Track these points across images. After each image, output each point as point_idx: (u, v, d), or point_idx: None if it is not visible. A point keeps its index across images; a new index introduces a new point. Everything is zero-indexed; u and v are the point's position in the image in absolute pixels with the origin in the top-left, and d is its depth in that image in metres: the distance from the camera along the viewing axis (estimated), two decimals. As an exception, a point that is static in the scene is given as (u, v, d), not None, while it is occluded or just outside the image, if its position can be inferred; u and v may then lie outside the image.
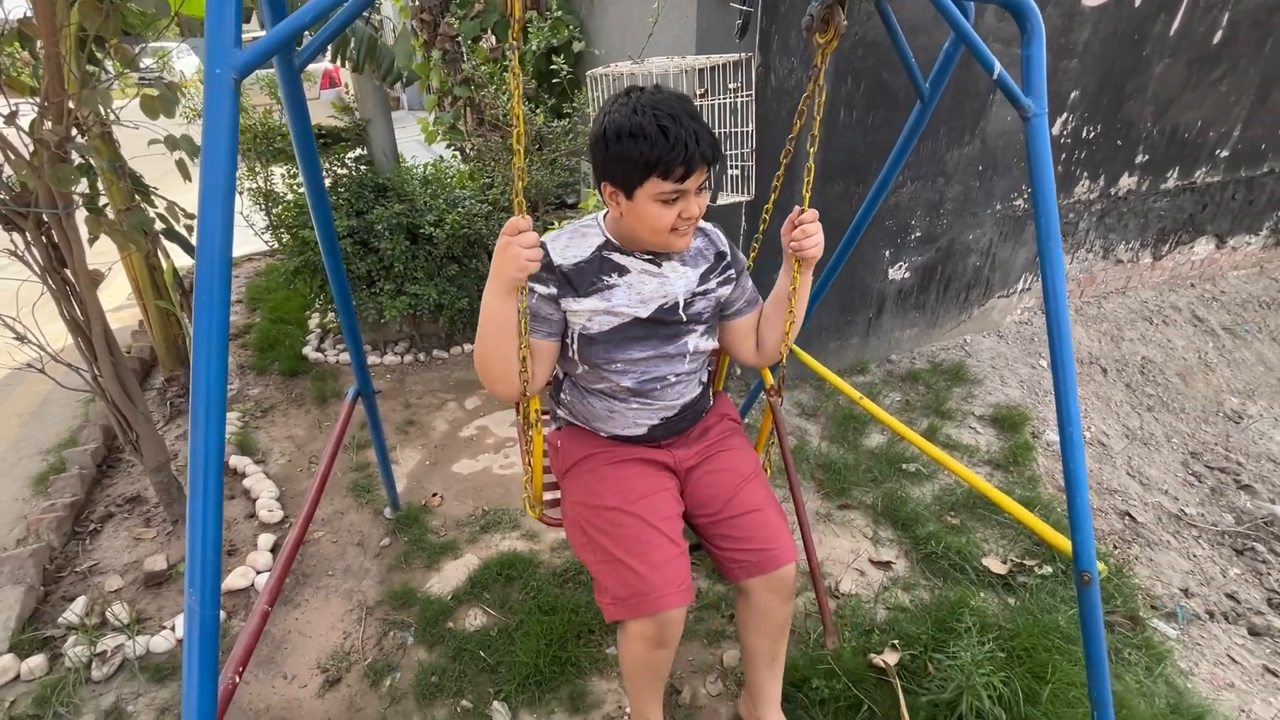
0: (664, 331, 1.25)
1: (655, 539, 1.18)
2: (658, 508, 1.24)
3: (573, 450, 1.36)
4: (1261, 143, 3.98)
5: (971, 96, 2.81)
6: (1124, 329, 3.93)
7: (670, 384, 1.29)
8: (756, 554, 1.24)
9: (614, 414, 1.31)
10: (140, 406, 2.05)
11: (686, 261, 1.27)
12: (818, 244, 1.21)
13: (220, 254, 0.73)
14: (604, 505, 1.24)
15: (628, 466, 1.30)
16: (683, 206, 1.11)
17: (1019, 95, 1.03)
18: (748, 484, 1.32)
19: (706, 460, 1.36)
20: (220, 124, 0.72)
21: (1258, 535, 2.74)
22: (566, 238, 1.24)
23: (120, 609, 1.84)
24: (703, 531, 1.33)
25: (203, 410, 0.73)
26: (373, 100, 3.09)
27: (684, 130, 1.05)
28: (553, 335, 1.23)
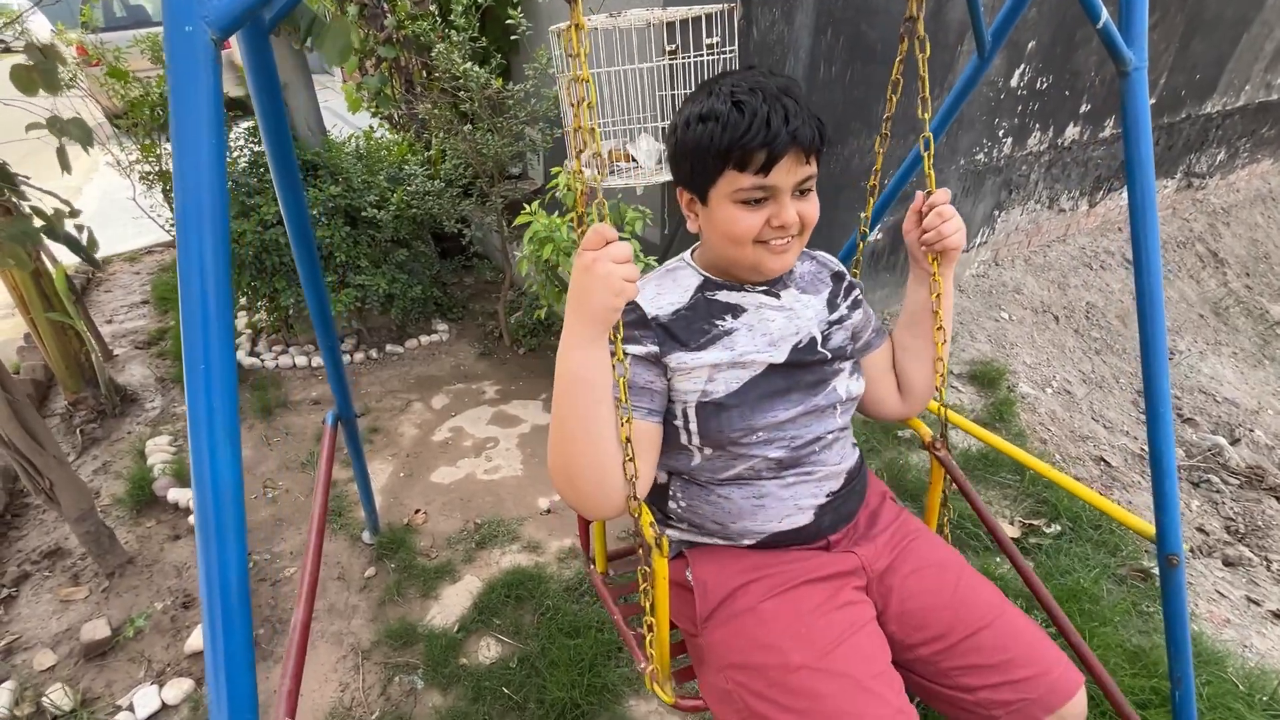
0: (808, 378, 0.93)
1: (879, 710, 0.80)
2: (868, 654, 0.86)
3: (711, 583, 0.93)
4: (1181, 89, 4.16)
5: (941, 49, 2.74)
6: (1068, 276, 4.09)
7: (827, 445, 0.96)
8: (1030, 685, 0.85)
9: (763, 501, 0.93)
10: (50, 448, 1.71)
11: (806, 289, 0.99)
12: (959, 226, 0.94)
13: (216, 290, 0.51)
14: (783, 664, 0.83)
15: (805, 593, 0.90)
16: (773, 211, 0.83)
17: (1121, 47, 0.92)
18: (966, 580, 0.95)
19: (900, 556, 0.97)
20: (197, 103, 0.49)
21: (1208, 466, 2.94)
22: (654, 283, 0.95)
23: (59, 692, 1.55)
24: (923, 668, 0.92)
25: (214, 524, 0.52)
26: (290, 64, 2.68)
27: (767, 105, 0.78)
28: (654, 414, 0.88)
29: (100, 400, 2.59)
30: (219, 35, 0.48)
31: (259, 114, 0.99)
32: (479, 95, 2.46)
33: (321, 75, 9.35)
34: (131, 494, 2.15)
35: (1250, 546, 2.42)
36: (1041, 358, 3.37)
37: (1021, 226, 3.91)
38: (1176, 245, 4.80)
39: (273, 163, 1.07)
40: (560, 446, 0.79)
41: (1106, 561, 1.89)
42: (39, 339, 2.45)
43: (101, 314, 3.50)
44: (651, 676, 0.93)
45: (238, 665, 0.51)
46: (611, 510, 0.82)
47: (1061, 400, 3.06)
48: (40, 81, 1.52)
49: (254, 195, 2.62)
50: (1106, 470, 2.64)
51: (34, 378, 2.74)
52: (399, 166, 2.92)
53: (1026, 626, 0.91)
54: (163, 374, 2.89)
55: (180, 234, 0.49)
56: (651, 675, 0.93)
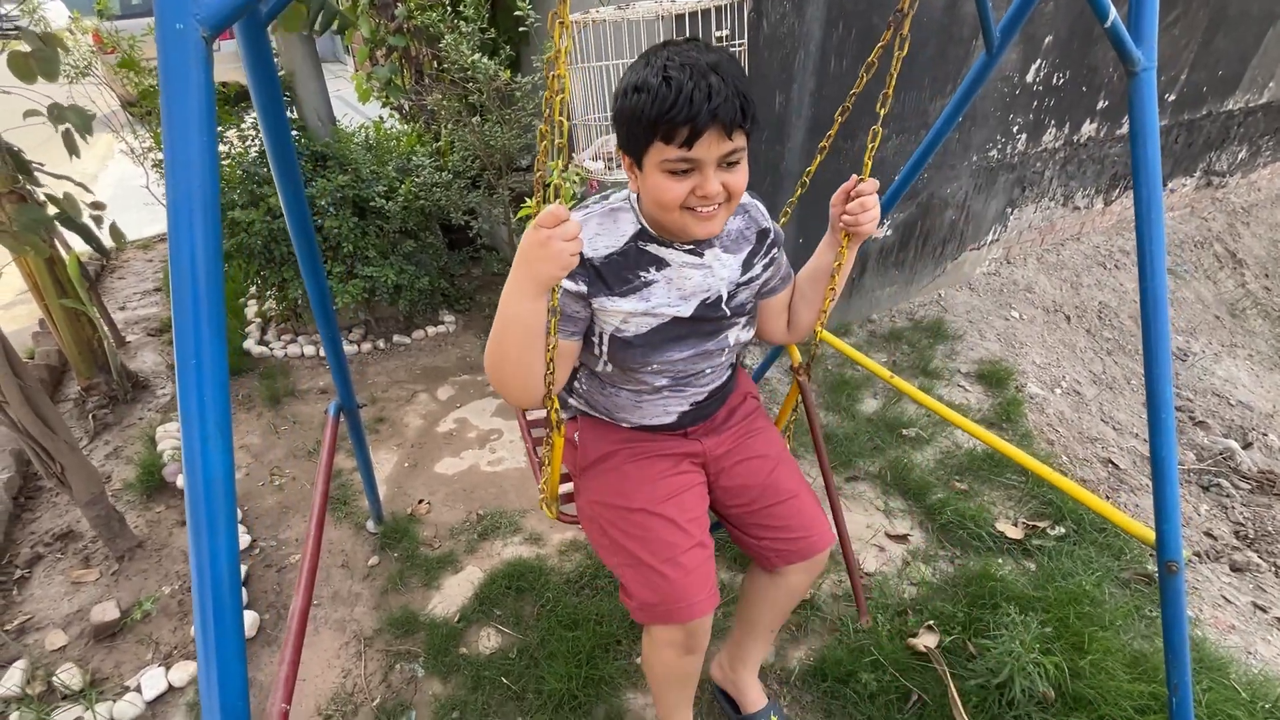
0: (706, 328, 1.12)
1: (685, 541, 1.12)
2: (687, 507, 1.17)
3: (593, 445, 1.24)
4: (1203, 86, 4.07)
5: (956, 44, 2.70)
6: (1081, 275, 4.03)
7: (705, 374, 1.19)
8: (796, 541, 1.21)
9: (641, 405, 1.20)
10: (63, 433, 1.74)
11: (729, 247, 1.12)
12: (874, 219, 1.08)
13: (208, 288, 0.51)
14: (629, 506, 1.15)
15: (654, 462, 1.21)
16: (697, 182, 0.91)
17: (1130, 47, 0.90)
18: (779, 469, 1.25)
19: (737, 447, 1.27)
20: (187, 102, 0.49)
21: (1218, 470, 2.90)
22: (596, 222, 1.07)
23: (68, 672, 1.58)
24: (735, 521, 1.26)
25: (205, 517, 0.52)
26: (300, 51, 2.69)
27: (693, 82, 0.84)
28: (576, 334, 1.09)
29: (112, 386, 2.63)
30: (210, 33, 0.49)
31: (258, 107, 1.00)
32: (488, 87, 2.46)
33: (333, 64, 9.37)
34: (142, 479, 2.18)
35: (1259, 552, 2.39)
36: (1051, 358, 3.33)
37: (1035, 224, 3.86)
38: (1194, 245, 4.72)
39: (271, 156, 1.07)
40: (496, 358, 0.97)
41: (1110, 565, 1.87)
42: (53, 325, 2.49)
43: (115, 300, 3.54)
44: (543, 501, 1.28)
45: (228, 654, 0.52)
46: (531, 404, 1.04)
47: (1070, 401, 3.03)
48: (38, 69, 1.53)
49: (264, 185, 2.63)
50: (1114, 473, 2.62)
51: (48, 363, 2.78)
52: (408, 157, 2.92)
53: (809, 506, 1.23)
54: (174, 361, 2.93)
55: (171, 230, 0.50)
56: (543, 500, 1.27)
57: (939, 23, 2.61)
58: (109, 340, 2.59)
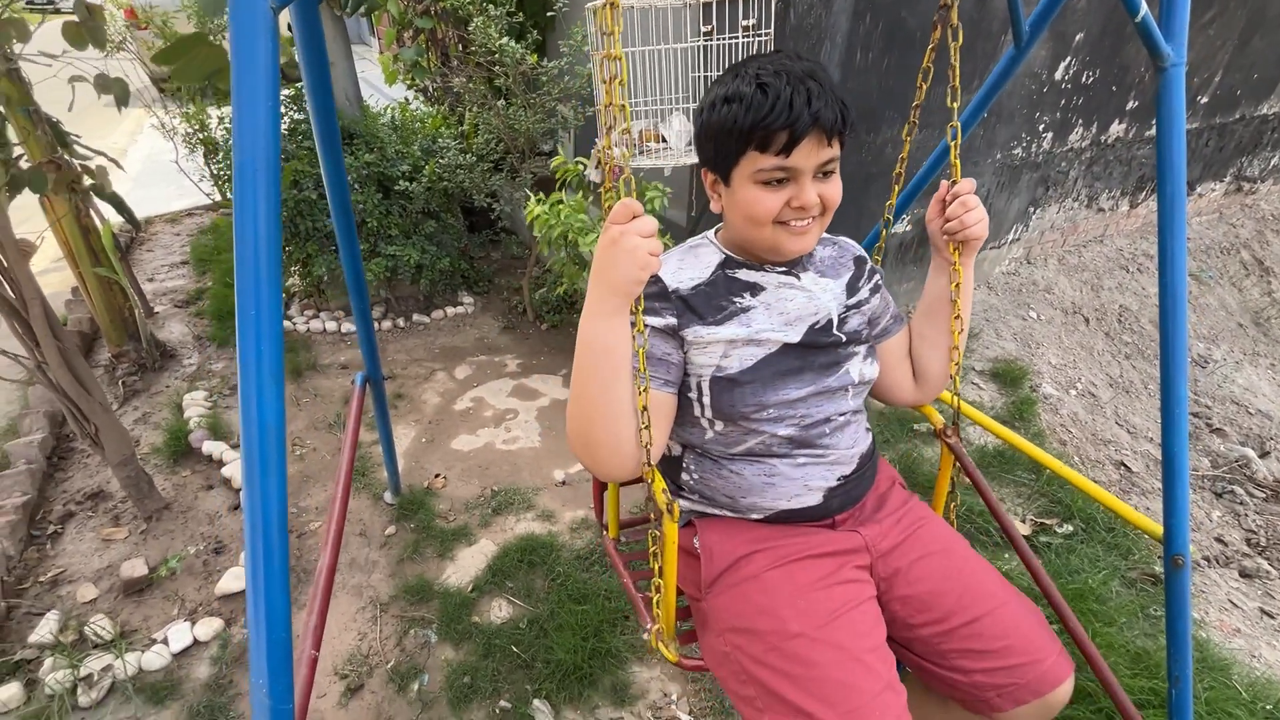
0: (821, 359, 0.95)
1: (871, 684, 0.81)
2: (863, 630, 0.88)
3: (717, 551, 0.96)
4: (1237, 89, 4.00)
5: (985, 38, 2.68)
6: (1103, 278, 3.99)
7: (839, 427, 0.97)
8: (1023, 670, 0.88)
9: (773, 479, 0.95)
10: (97, 395, 1.80)
11: (826, 273, 1.00)
12: (982, 218, 0.95)
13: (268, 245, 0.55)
14: (781, 631, 0.86)
15: (807, 566, 0.92)
16: (793, 192, 0.84)
17: (1160, 42, 0.91)
18: (971, 567, 0.96)
19: (907, 540, 0.99)
20: (256, 72, 0.53)
21: (1233, 477, 2.88)
22: (676, 258, 0.96)
23: (101, 623, 1.65)
24: (923, 649, 0.94)
25: (258, 459, 0.56)
26: (330, 33, 2.73)
27: (790, 87, 0.79)
28: (670, 385, 0.90)
29: (141, 354, 2.70)
30: (277, 5, 0.52)
31: (306, 82, 1.03)
32: (513, 71, 2.48)
33: (359, 46, 9.43)
34: (169, 444, 2.25)
35: (1270, 560, 2.38)
36: (1068, 359, 3.32)
37: (1057, 224, 3.82)
38: (1220, 251, 4.64)
39: (317, 130, 1.11)
40: (579, 410, 0.82)
41: (1117, 563, 1.88)
42: (86, 293, 2.56)
43: (143, 272, 3.62)
44: (657, 636, 0.96)
45: (275, 589, 0.56)
46: (625, 473, 0.85)
47: (1085, 403, 3.02)
48: (88, 38, 1.60)
49: (290, 160, 2.68)
50: (1126, 475, 2.62)
51: (80, 330, 2.86)
52: (432, 139, 2.96)
53: (1026, 615, 0.93)
54: (200, 332, 3.00)
55: (237, 189, 0.53)
56: (657, 635, 0.96)
57: (969, 16, 2.59)
58: (139, 309, 2.67)
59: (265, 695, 0.58)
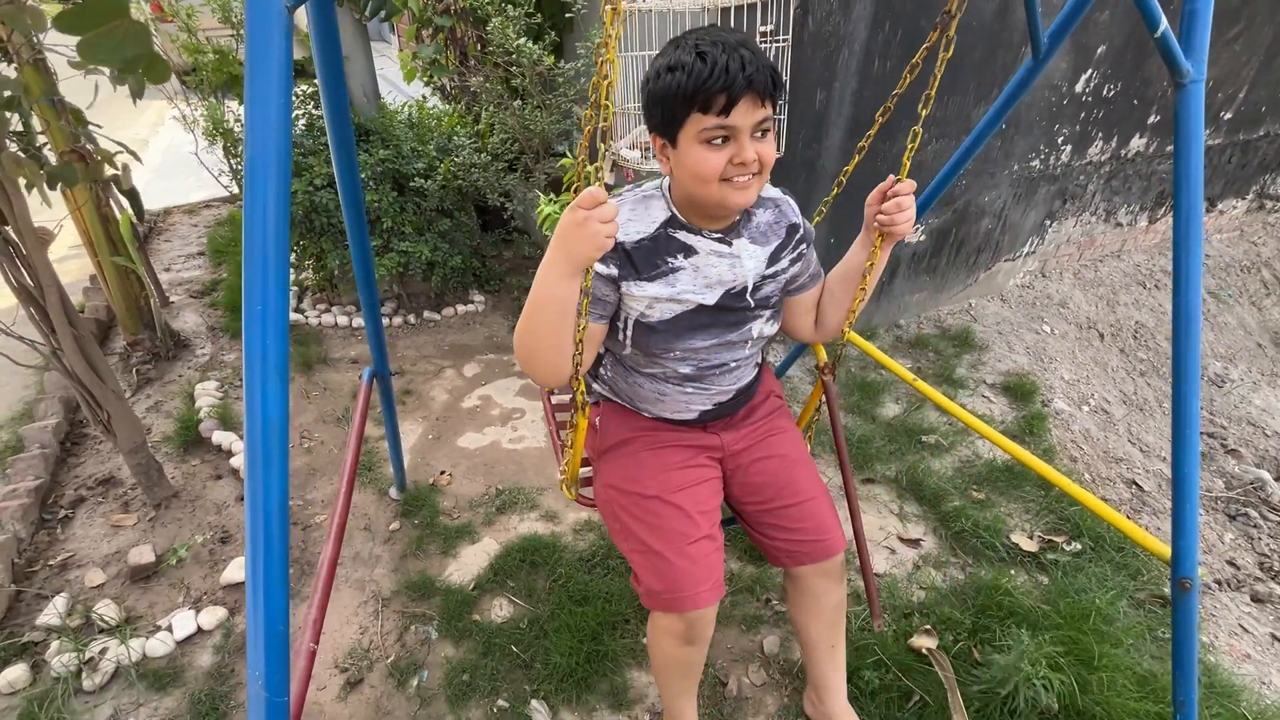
0: (729, 318, 1.14)
1: (694, 532, 1.14)
2: (700, 499, 1.19)
3: (612, 430, 1.27)
4: (1262, 105, 3.95)
5: (1005, 48, 2.66)
6: (1119, 293, 3.94)
7: (729, 369, 1.20)
8: (809, 544, 1.22)
9: (664, 397, 1.21)
10: (110, 383, 1.82)
11: (756, 239, 1.14)
12: (910, 219, 1.10)
13: (276, 241, 0.55)
14: (643, 493, 1.17)
15: (671, 453, 1.22)
16: (734, 150, 0.95)
17: (1180, 58, 0.90)
18: (798, 470, 1.26)
19: (756, 444, 1.28)
20: (269, 69, 0.53)
21: (1247, 500, 2.83)
22: (629, 208, 1.10)
23: (106, 607, 1.67)
24: (749, 519, 1.28)
25: (260, 452, 0.57)
26: (350, 30, 2.75)
27: (726, 55, 0.90)
28: (604, 318, 1.11)
29: (156, 343, 2.73)
30: (292, 4, 0.52)
31: (320, 79, 1.04)
32: (530, 71, 2.49)
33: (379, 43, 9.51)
34: (180, 433, 2.28)
35: (1283, 585, 2.34)
36: (1081, 375, 3.28)
37: (1074, 238, 3.78)
38: (1241, 269, 4.58)
39: (330, 126, 1.12)
40: (527, 337, 1.00)
41: (1125, 584, 1.85)
42: (103, 281, 2.60)
43: (160, 262, 3.67)
44: (563, 481, 1.30)
45: (274, 581, 0.57)
46: (558, 383, 1.06)
47: (1098, 420, 2.98)
48: None
49: (309, 156, 2.71)
50: (1137, 494, 2.58)
51: (96, 318, 2.90)
52: (449, 137, 2.98)
53: (823, 509, 1.23)
54: (214, 323, 3.03)
55: (247, 184, 0.54)
56: (563, 481, 1.30)
57: (989, 27, 2.57)
58: (155, 299, 2.70)
59: (261, 686, 0.59)
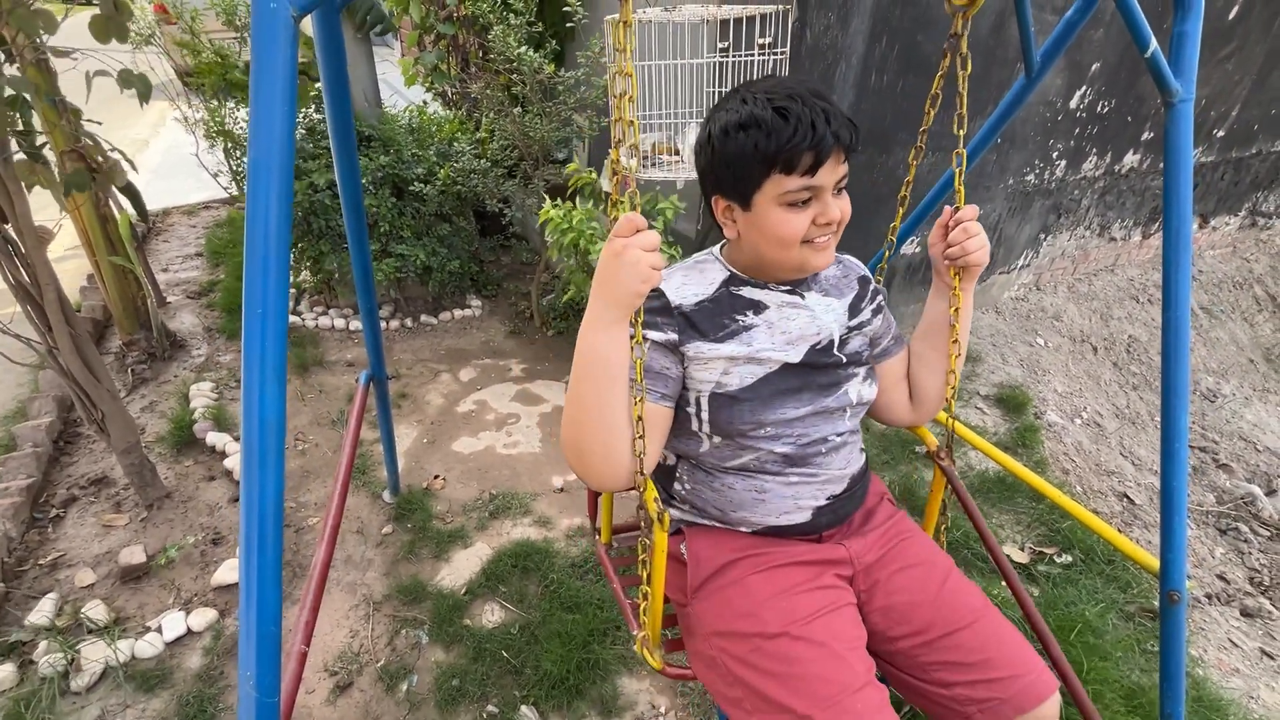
0: (821, 379, 0.96)
1: (852, 679, 0.83)
2: (842, 631, 0.89)
3: (706, 558, 0.98)
4: (1255, 124, 4.00)
5: (1000, 65, 2.69)
6: (1112, 307, 3.97)
7: (834, 446, 0.98)
8: (1005, 684, 0.87)
9: (764, 495, 0.96)
10: (106, 382, 1.82)
11: (830, 292, 1.01)
12: (984, 244, 0.96)
13: (277, 246, 0.56)
14: (763, 633, 0.88)
15: (788, 573, 0.94)
16: (818, 210, 0.86)
17: (1169, 78, 0.92)
18: (952, 582, 0.97)
19: (889, 553, 1.00)
20: (274, 76, 0.54)
21: (1238, 514, 2.85)
22: (681, 274, 0.97)
23: (96, 608, 1.67)
24: (904, 661, 0.94)
25: (257, 453, 0.57)
26: (351, 35, 2.77)
27: (808, 109, 0.81)
28: (668, 399, 0.92)
29: (152, 343, 2.73)
30: (299, 13, 0.54)
31: (324, 85, 1.06)
32: (531, 79, 2.51)
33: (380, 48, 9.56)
34: (174, 434, 2.27)
35: (1273, 600, 2.35)
36: (1074, 387, 3.30)
37: (1068, 252, 3.81)
38: (1233, 285, 4.61)
39: (333, 131, 1.13)
40: (573, 418, 0.83)
41: (1115, 597, 1.86)
42: (101, 280, 2.60)
43: (158, 262, 3.67)
44: (643, 643, 0.96)
45: (268, 581, 0.57)
46: (616, 483, 0.85)
47: (1090, 432, 3.00)
48: (113, 32, 1.64)
49: (309, 160, 2.72)
50: (1129, 507, 2.59)
51: (93, 317, 2.90)
52: (449, 143, 2.99)
53: (1007, 630, 0.93)
54: (210, 324, 3.03)
55: (250, 188, 0.54)
56: (643, 641, 0.96)
57: (984, 44, 2.60)
58: (152, 299, 2.70)
59: (253, 687, 0.59)
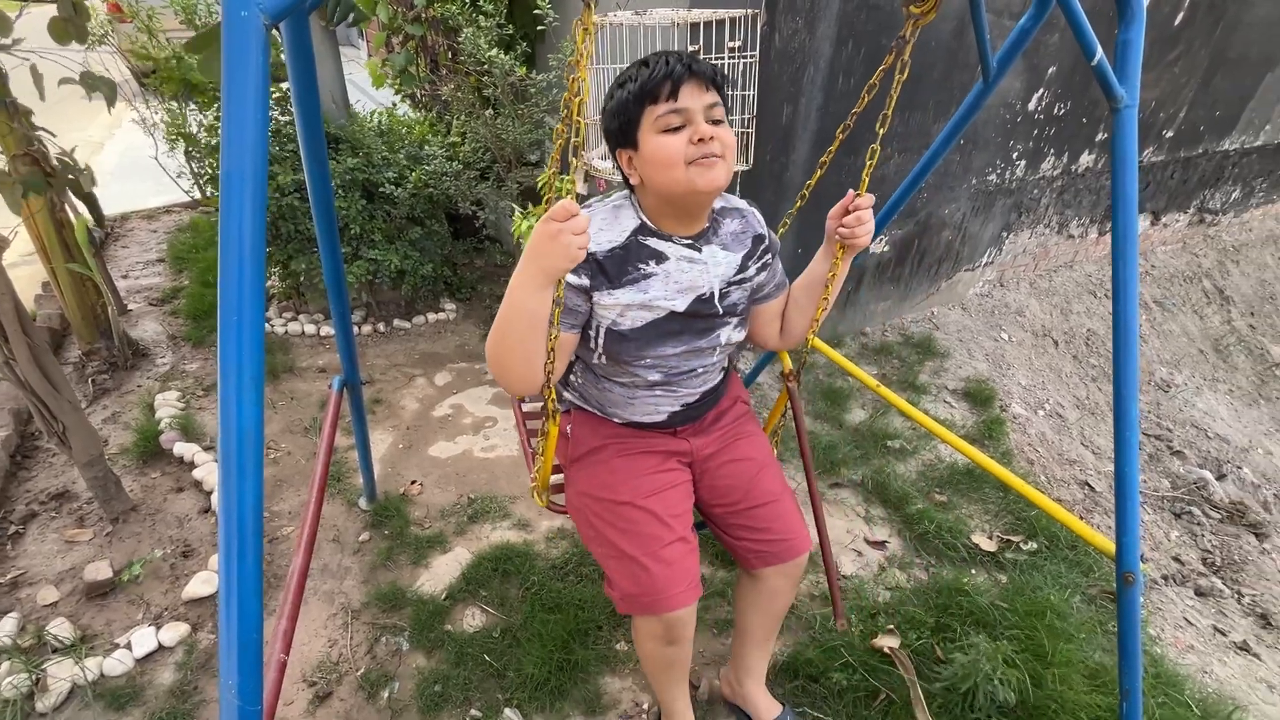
0: (698, 325, 1.17)
1: (667, 535, 1.17)
2: (671, 503, 1.22)
3: (584, 438, 1.29)
4: (1201, 124, 4.17)
5: (961, 69, 2.77)
6: (1072, 302, 4.11)
7: (696, 374, 1.24)
8: (775, 544, 1.26)
9: (633, 401, 1.24)
10: (66, 393, 1.77)
11: (727, 246, 1.18)
12: (869, 232, 1.15)
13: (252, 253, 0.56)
14: (616, 499, 1.20)
15: (642, 459, 1.26)
16: (690, 131, 1.00)
17: (1114, 84, 0.97)
18: (764, 472, 1.30)
19: (724, 448, 1.32)
20: (246, 84, 0.54)
21: (1191, 499, 2.98)
22: (600, 217, 1.12)
23: (61, 626, 1.62)
24: (718, 521, 1.32)
25: (235, 462, 0.57)
26: (319, 35, 2.73)
27: (666, 56, 1.00)
28: (576, 327, 1.13)
29: (113, 352, 2.66)
30: (270, 20, 0.54)
31: (293, 86, 1.05)
32: (502, 81, 2.51)
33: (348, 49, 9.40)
34: (138, 445, 2.21)
35: (1224, 579, 2.46)
36: (1037, 380, 3.41)
37: (1029, 249, 3.94)
38: (1184, 280, 4.81)
39: (302, 133, 1.12)
40: (499, 347, 1.00)
41: (1078, 581, 1.94)
42: (57, 288, 2.52)
43: (118, 269, 3.56)
44: (534, 490, 1.29)
45: (248, 589, 0.57)
46: (529, 392, 1.07)
47: (1053, 424, 3.10)
48: (73, 33, 1.60)
49: (275, 163, 2.67)
50: (1090, 495, 2.69)
51: (50, 326, 2.81)
52: (420, 145, 2.97)
53: (789, 511, 1.28)
54: (175, 331, 2.96)
55: (223, 197, 0.54)
56: (534, 489, 1.29)
57: (947, 48, 2.68)
58: (112, 307, 2.62)
59: (235, 695, 0.59)
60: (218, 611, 0.67)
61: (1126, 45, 0.96)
